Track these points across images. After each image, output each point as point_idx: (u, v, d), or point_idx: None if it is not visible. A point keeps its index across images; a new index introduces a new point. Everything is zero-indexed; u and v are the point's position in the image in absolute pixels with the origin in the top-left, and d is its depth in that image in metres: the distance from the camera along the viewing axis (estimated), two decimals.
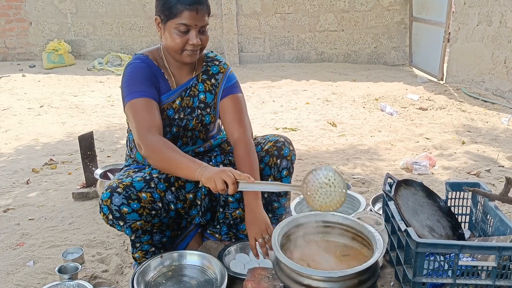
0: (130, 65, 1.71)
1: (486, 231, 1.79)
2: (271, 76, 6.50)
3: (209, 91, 1.83)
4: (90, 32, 7.39)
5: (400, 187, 1.83)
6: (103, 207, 1.58)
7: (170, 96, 1.75)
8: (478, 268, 1.49)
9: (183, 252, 1.72)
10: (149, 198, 1.63)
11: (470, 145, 3.46)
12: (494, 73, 5.06)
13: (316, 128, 4.04)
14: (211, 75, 1.84)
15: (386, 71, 6.89)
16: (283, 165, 1.84)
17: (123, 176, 1.67)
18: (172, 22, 1.62)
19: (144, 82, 1.66)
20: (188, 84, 1.79)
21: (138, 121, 1.60)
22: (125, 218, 1.58)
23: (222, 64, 1.87)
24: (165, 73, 1.75)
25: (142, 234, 1.68)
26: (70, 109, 4.71)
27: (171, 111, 1.76)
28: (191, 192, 1.79)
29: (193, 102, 1.81)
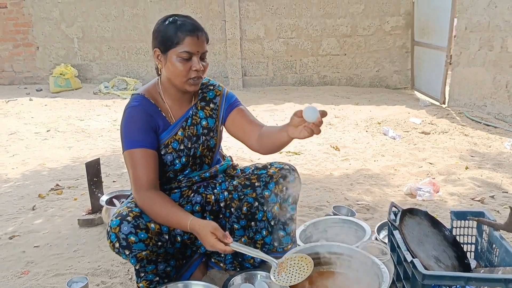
0: (128, 108, 1.73)
1: (492, 261, 1.78)
2: (274, 100, 6.56)
3: (210, 116, 1.87)
4: (96, 57, 7.52)
5: (405, 217, 1.83)
6: (111, 234, 1.59)
7: (171, 131, 1.77)
8: None
9: (188, 282, 1.72)
10: (157, 229, 1.65)
11: (474, 170, 3.46)
12: (496, 97, 5.10)
13: (319, 152, 4.06)
14: (209, 101, 1.87)
15: (388, 94, 6.94)
16: (289, 193, 1.86)
17: (133, 205, 1.69)
18: (174, 51, 1.65)
19: (142, 130, 1.68)
20: (187, 115, 1.82)
21: (134, 175, 1.65)
22: (132, 248, 1.59)
23: (217, 88, 1.91)
24: (162, 109, 1.77)
25: (147, 263, 1.69)
26: (76, 133, 4.76)
27: (176, 143, 1.78)
28: None
29: (197, 130, 1.83)
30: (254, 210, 1.89)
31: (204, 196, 1.86)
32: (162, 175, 1.78)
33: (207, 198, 1.86)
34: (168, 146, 1.76)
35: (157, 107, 1.75)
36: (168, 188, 1.82)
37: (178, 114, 1.81)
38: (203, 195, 1.86)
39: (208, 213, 1.86)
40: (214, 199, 1.88)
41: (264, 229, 1.90)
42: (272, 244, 1.91)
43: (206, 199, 1.86)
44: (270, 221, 1.88)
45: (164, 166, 1.78)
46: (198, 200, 1.85)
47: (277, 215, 1.88)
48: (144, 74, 7.53)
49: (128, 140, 1.67)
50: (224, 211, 1.90)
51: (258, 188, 1.87)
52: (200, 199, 1.86)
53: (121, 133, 1.72)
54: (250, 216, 1.90)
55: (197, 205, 1.85)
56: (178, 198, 1.83)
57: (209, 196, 1.87)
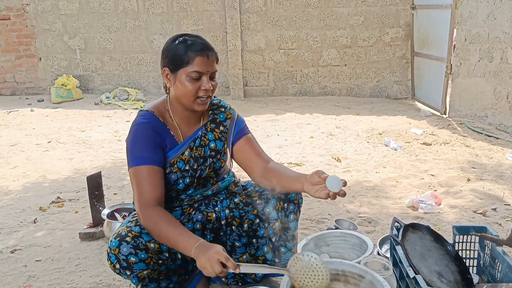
0: (135, 125, 1.72)
1: (494, 276, 1.78)
2: (275, 110, 6.57)
3: (219, 138, 1.85)
4: (98, 67, 7.56)
5: (407, 232, 1.83)
6: (111, 255, 1.58)
7: (179, 150, 1.76)
8: None
9: None
10: (156, 248, 1.64)
11: (476, 182, 3.46)
12: (497, 108, 5.11)
13: (320, 164, 4.06)
14: (219, 123, 1.86)
15: (389, 105, 6.95)
16: (290, 209, 1.86)
17: (132, 224, 1.68)
18: (184, 71, 1.65)
19: (149, 147, 1.67)
20: (196, 134, 1.81)
21: (139, 192, 1.63)
22: (132, 268, 1.58)
23: (228, 110, 1.90)
24: (170, 128, 1.75)
25: (149, 282, 1.67)
26: (78, 145, 4.77)
27: (181, 163, 1.77)
28: None
29: (204, 152, 1.82)
30: (255, 227, 1.88)
31: (205, 214, 1.86)
32: (165, 194, 1.78)
33: (208, 216, 1.86)
34: (173, 165, 1.75)
35: (165, 125, 1.74)
36: (170, 206, 1.81)
37: (186, 134, 1.79)
38: (204, 213, 1.86)
39: (209, 231, 1.86)
40: (215, 217, 1.87)
41: (266, 245, 1.89)
42: (273, 261, 1.90)
43: (207, 217, 1.86)
44: (271, 237, 1.88)
45: (167, 185, 1.76)
46: (199, 218, 1.85)
47: (278, 232, 1.88)
48: (146, 85, 7.56)
49: (134, 157, 1.66)
50: (225, 229, 1.90)
51: (260, 205, 1.87)
52: (201, 217, 1.85)
53: (127, 150, 1.70)
54: (252, 233, 1.90)
55: (198, 223, 1.84)
56: (179, 216, 1.82)
57: (210, 214, 1.86)
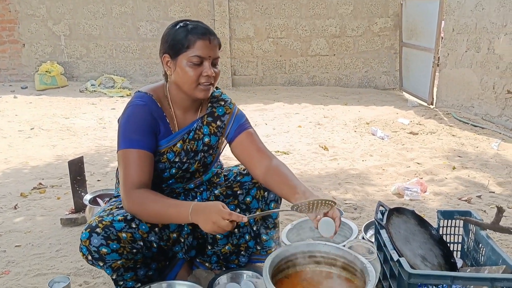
0: (131, 106, 1.64)
1: (478, 260, 1.78)
2: (263, 99, 6.54)
3: (214, 133, 1.78)
4: (83, 54, 7.42)
5: (392, 216, 1.82)
6: (82, 247, 1.53)
7: (171, 140, 1.69)
8: None
9: (172, 282, 1.68)
10: (129, 238, 1.58)
11: (461, 170, 3.48)
12: (483, 98, 5.15)
13: (308, 152, 4.05)
14: (216, 117, 1.78)
15: (376, 95, 6.97)
16: (270, 197, 1.83)
17: (105, 213, 1.62)
18: (184, 56, 1.57)
19: (142, 130, 1.59)
20: (191, 127, 1.73)
21: (126, 175, 1.56)
22: (105, 259, 1.54)
23: (228, 105, 1.81)
24: (167, 115, 1.68)
25: (124, 272, 1.63)
26: (61, 132, 4.68)
27: (172, 154, 1.70)
28: (175, 232, 1.74)
29: (197, 146, 1.75)
30: None
31: None
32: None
33: None
34: (163, 155, 1.68)
35: (162, 111, 1.67)
36: None
37: (181, 124, 1.72)
38: None
39: (186, 224, 1.79)
40: None
41: (247, 234, 1.87)
42: (255, 248, 1.88)
43: None
44: (252, 226, 1.85)
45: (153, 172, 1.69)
46: None
47: (259, 220, 1.85)
48: (132, 73, 7.45)
49: (126, 139, 1.59)
50: None
51: (240, 196, 1.84)
52: None
53: (118, 130, 1.62)
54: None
55: None
56: None
57: None
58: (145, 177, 1.58)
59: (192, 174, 1.80)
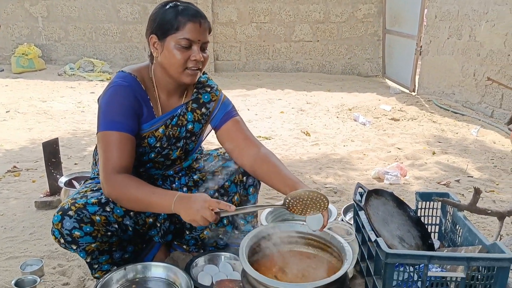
0: (113, 86, 1.56)
1: (455, 241, 1.79)
2: (246, 85, 6.49)
3: (198, 120, 1.73)
4: (62, 37, 7.22)
5: (370, 197, 1.82)
6: (54, 230, 1.49)
7: (153, 125, 1.63)
8: (447, 279, 1.48)
9: (148, 264, 1.64)
10: (103, 220, 1.53)
11: (441, 155, 3.51)
12: (464, 85, 5.19)
13: (290, 137, 4.04)
14: (201, 104, 1.73)
15: (359, 82, 6.99)
16: (249, 182, 1.80)
17: (79, 195, 1.57)
18: (172, 38, 1.50)
19: (124, 112, 1.53)
20: (175, 112, 1.67)
21: (107, 158, 1.49)
22: (78, 242, 1.49)
23: (214, 91, 1.75)
24: (151, 98, 1.62)
25: (99, 255, 1.59)
26: (38, 115, 4.55)
27: (153, 139, 1.65)
28: (151, 216, 1.70)
29: (179, 133, 1.69)
30: None
31: None
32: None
33: None
34: (143, 139, 1.63)
35: (146, 94, 1.60)
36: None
37: (165, 108, 1.66)
38: None
39: None
40: None
41: (225, 218, 1.84)
42: (233, 232, 1.85)
43: None
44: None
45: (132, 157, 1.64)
46: None
47: (237, 205, 1.83)
48: (112, 56, 7.29)
49: (107, 120, 1.52)
50: None
51: (221, 180, 1.79)
52: None
53: (99, 111, 1.55)
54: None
55: None
56: None
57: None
58: (127, 161, 1.52)
59: (173, 162, 1.76)
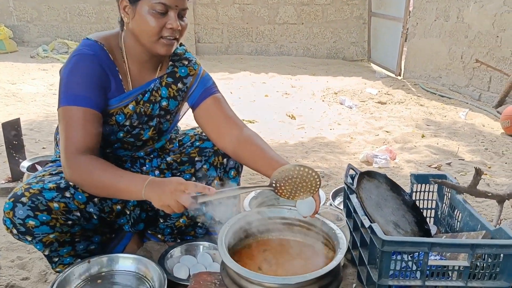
0: (76, 55, 1.35)
1: (453, 227, 1.66)
2: (229, 68, 6.28)
3: (174, 97, 1.53)
4: (34, 18, 6.86)
5: (362, 179, 1.66)
6: (5, 219, 1.29)
7: (123, 100, 1.43)
8: (449, 268, 1.34)
9: (115, 256, 1.46)
10: (62, 208, 1.34)
11: (430, 138, 3.39)
12: (451, 68, 5.09)
13: (274, 121, 3.87)
14: (178, 78, 1.53)
15: (345, 66, 6.87)
16: (230, 164, 1.62)
17: (35, 180, 1.38)
18: (146, 1, 1.30)
19: (89, 85, 1.33)
20: (147, 87, 1.48)
21: (69, 137, 1.30)
22: (33, 233, 1.30)
23: (192, 65, 1.55)
24: (120, 70, 1.42)
25: (59, 246, 1.40)
26: (6, 97, 4.27)
27: (122, 117, 1.45)
28: (119, 203, 1.50)
29: (152, 110, 1.50)
30: None
31: None
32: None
33: None
34: (111, 117, 1.43)
35: (114, 65, 1.40)
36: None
37: (136, 82, 1.46)
38: None
39: None
40: None
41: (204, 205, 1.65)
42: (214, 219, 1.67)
43: None
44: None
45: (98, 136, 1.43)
46: None
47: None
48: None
49: (69, 94, 1.32)
50: None
51: (199, 163, 1.61)
52: None
53: (60, 83, 1.35)
54: None
55: None
56: None
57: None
58: (92, 141, 1.33)
59: (144, 142, 1.56)
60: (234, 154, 1.50)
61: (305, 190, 1.23)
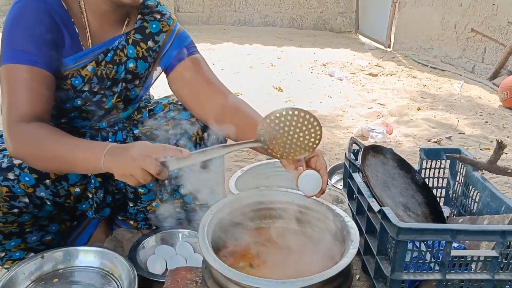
0: (20, 1, 1.09)
1: (469, 208, 1.45)
2: (211, 39, 5.94)
3: (143, 57, 1.26)
4: None
5: (367, 155, 1.44)
6: None
7: (80, 60, 1.17)
8: (474, 259, 1.13)
9: (73, 249, 1.21)
10: (5, 193, 1.10)
11: (426, 111, 3.19)
12: (444, 39, 4.87)
13: (261, 93, 3.62)
14: (148, 35, 1.26)
15: (332, 38, 6.60)
16: (211, 139, 1.35)
17: None
18: None
19: (36, 38, 1.08)
20: (111, 44, 1.21)
21: (12, 102, 1.05)
22: None
23: (165, 19, 1.28)
24: (76, 22, 1.15)
25: (4, 239, 1.16)
26: None
27: (79, 80, 1.18)
28: (77, 185, 1.24)
29: (116, 73, 1.24)
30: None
31: None
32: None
33: None
34: (66, 79, 1.17)
35: (69, 16, 1.14)
36: None
37: (97, 39, 1.20)
38: None
39: (93, 174, 1.27)
40: None
41: (182, 187, 1.40)
42: (194, 203, 1.43)
43: None
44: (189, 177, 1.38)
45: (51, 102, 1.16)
46: None
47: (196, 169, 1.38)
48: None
49: (11, 48, 1.07)
50: None
51: (173, 138, 1.34)
52: None
53: (2, 36, 1.09)
54: None
55: None
56: None
57: None
58: (40, 106, 1.08)
59: (107, 112, 1.29)
60: (218, 125, 1.24)
61: (302, 143, 0.99)
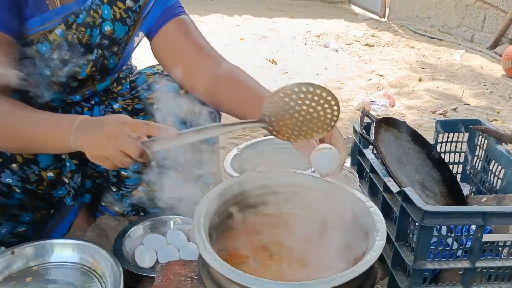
0: None
1: (491, 185, 1.32)
2: (198, 11, 5.68)
3: (121, 19, 1.08)
4: None
5: (380, 129, 1.28)
6: None
7: (46, 22, 0.99)
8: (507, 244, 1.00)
9: (48, 243, 1.05)
10: None
11: (428, 82, 3.04)
12: (441, 7, 4.68)
13: (254, 66, 3.43)
14: None
15: (324, 8, 6.39)
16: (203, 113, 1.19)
17: None
18: None
19: None
20: (82, 5, 1.03)
21: None
22: None
23: None
24: None
25: None
26: None
27: (46, 46, 1.01)
28: (50, 169, 1.07)
29: (90, 37, 1.06)
30: None
31: None
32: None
33: None
34: (30, 45, 0.99)
35: None
36: None
37: None
38: None
39: (69, 156, 1.10)
40: None
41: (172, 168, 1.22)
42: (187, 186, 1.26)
43: None
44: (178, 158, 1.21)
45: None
46: None
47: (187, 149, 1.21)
48: None
49: None
50: None
51: (159, 113, 1.16)
52: None
53: None
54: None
55: None
56: None
57: None
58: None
59: (82, 83, 1.11)
60: (210, 96, 1.08)
61: (316, 125, 0.82)
